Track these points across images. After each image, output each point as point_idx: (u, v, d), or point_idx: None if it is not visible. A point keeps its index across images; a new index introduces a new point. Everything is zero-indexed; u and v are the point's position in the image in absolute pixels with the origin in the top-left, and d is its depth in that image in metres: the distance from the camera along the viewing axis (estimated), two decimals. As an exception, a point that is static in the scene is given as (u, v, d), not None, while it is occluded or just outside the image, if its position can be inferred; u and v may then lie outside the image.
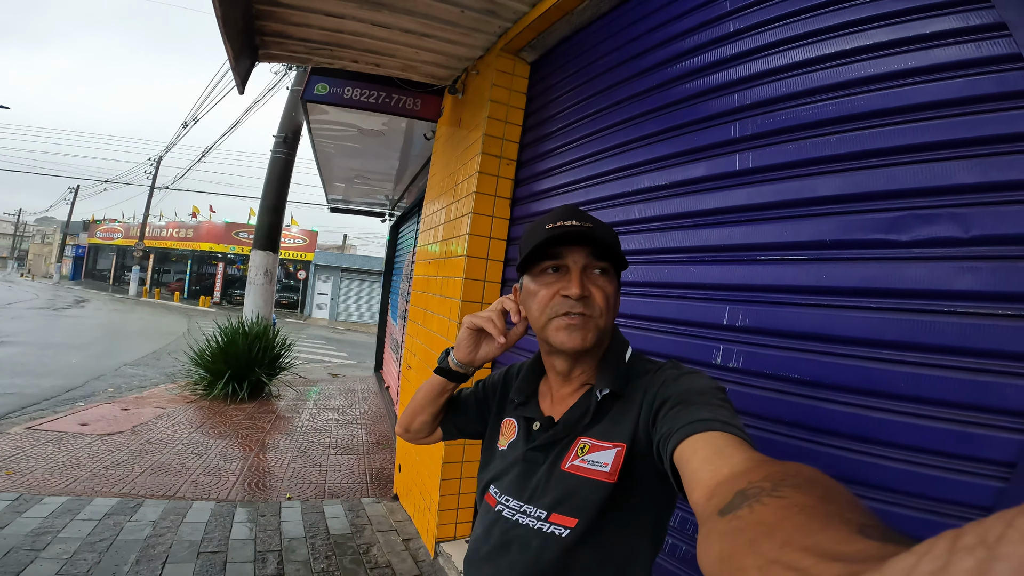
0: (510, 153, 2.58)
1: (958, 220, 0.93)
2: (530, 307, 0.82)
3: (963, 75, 0.95)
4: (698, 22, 1.55)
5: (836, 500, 0.35)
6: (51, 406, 5.09)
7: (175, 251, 27.28)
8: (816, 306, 1.11)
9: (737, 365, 1.25)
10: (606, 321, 0.79)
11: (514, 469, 0.83)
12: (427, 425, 1.01)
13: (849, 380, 1.03)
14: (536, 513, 0.77)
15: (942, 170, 0.96)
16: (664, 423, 0.65)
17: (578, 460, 0.77)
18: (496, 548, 0.80)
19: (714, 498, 0.43)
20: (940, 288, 0.93)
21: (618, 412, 0.77)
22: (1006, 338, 0.86)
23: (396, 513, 3.33)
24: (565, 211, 0.81)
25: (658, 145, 1.63)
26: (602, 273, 0.79)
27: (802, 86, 1.20)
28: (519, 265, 0.83)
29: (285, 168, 7.30)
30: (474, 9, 2.38)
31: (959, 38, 0.96)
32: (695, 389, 0.67)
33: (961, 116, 0.94)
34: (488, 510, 0.85)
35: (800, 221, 1.16)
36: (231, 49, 2.36)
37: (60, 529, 2.67)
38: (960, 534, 0.19)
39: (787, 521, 0.32)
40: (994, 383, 0.86)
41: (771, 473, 0.41)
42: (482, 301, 2.52)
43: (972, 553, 0.17)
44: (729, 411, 0.62)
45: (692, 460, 0.54)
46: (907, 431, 0.95)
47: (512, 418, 0.90)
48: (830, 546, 0.27)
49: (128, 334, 11.55)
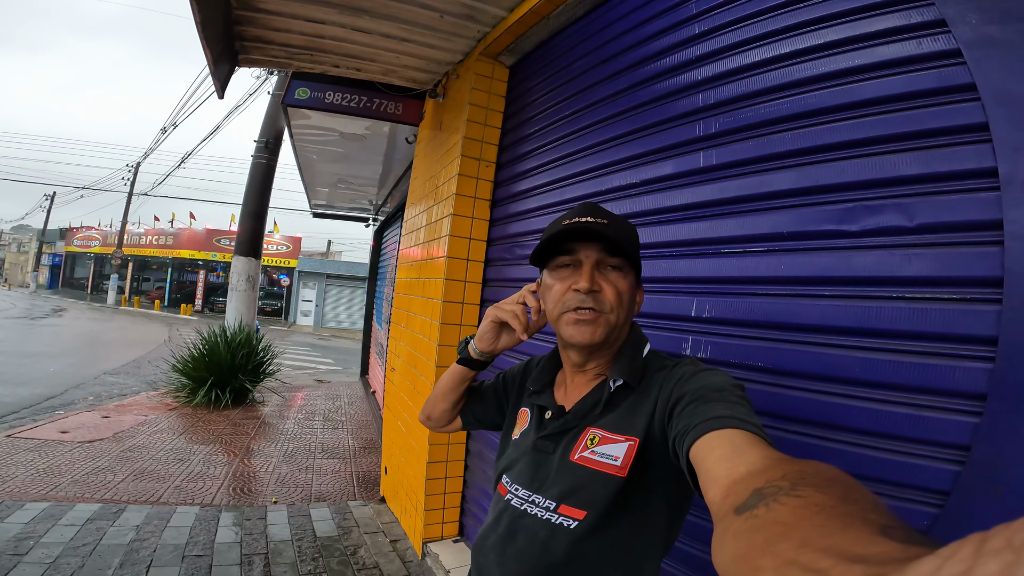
0: (489, 155, 2.62)
1: (903, 210, 0.97)
2: (547, 300, 0.84)
3: (905, 71, 1.00)
4: (666, 25, 1.60)
5: (857, 500, 0.34)
6: (30, 415, 5.01)
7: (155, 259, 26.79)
8: (776, 296, 1.16)
9: (705, 355, 1.29)
10: (618, 317, 0.79)
11: (525, 458, 0.84)
12: (447, 413, 1.04)
13: (807, 367, 1.08)
14: (545, 503, 0.77)
15: (887, 163, 1.00)
16: (680, 419, 0.64)
17: (588, 452, 0.76)
18: (504, 537, 0.80)
19: (730, 496, 0.42)
20: (889, 275, 0.98)
21: (632, 405, 0.77)
22: (953, 321, 0.89)
23: (383, 515, 3.33)
24: (583, 208, 0.82)
25: (629, 145, 1.68)
26: (615, 269, 0.80)
27: (760, 85, 1.25)
28: (533, 258, 0.84)
29: (267, 173, 7.25)
30: (453, 14, 2.42)
31: (902, 35, 1.01)
32: (712, 386, 0.66)
33: (904, 111, 0.99)
34: (499, 499, 0.86)
35: (759, 215, 1.21)
36: (210, 54, 2.37)
37: (42, 534, 2.65)
38: (987, 537, 0.18)
39: (806, 521, 0.31)
40: (944, 366, 0.89)
41: (789, 472, 0.40)
42: (463, 301, 2.55)
43: (999, 556, 0.17)
44: (747, 408, 0.62)
45: (708, 457, 0.53)
46: (863, 415, 0.98)
47: (526, 407, 0.92)
48: (850, 547, 0.26)
49: (107, 343, 11.34)
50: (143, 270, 28.44)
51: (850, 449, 1.00)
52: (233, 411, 5.71)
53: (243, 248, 7.01)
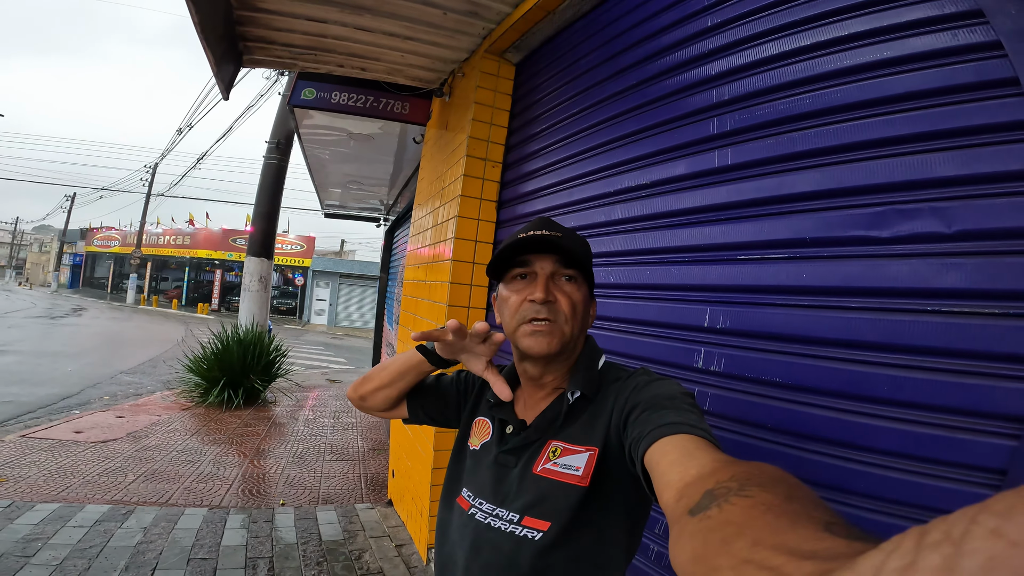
0: (495, 155, 2.55)
1: (940, 214, 0.89)
2: (503, 313, 0.84)
3: (940, 65, 0.92)
4: (676, 18, 1.52)
5: (800, 498, 0.35)
6: (46, 414, 5.08)
7: (172, 258, 27.22)
8: (797, 306, 1.08)
9: (719, 368, 1.22)
10: (572, 327, 0.80)
11: (487, 472, 0.84)
12: (390, 401, 0.97)
13: (830, 383, 1.00)
14: (509, 516, 0.77)
15: (922, 163, 0.92)
16: (635, 427, 0.65)
17: (550, 464, 0.77)
18: (469, 551, 0.80)
19: (683, 499, 0.43)
20: (923, 286, 0.90)
21: (590, 417, 0.78)
22: (994, 338, 0.82)
23: (390, 518, 3.30)
24: (538, 222, 0.84)
25: (639, 144, 1.60)
26: (569, 280, 0.81)
27: (779, 80, 1.17)
28: (490, 270, 0.85)
29: (278, 174, 7.28)
30: (456, 11, 2.36)
31: (934, 27, 0.93)
32: (664, 394, 0.68)
33: (939, 107, 0.91)
34: (461, 513, 0.84)
35: (779, 218, 1.13)
36: (212, 55, 2.33)
37: (51, 536, 2.66)
38: (926, 531, 0.19)
39: (756, 520, 0.32)
40: (982, 386, 0.82)
41: (737, 473, 0.42)
42: (469, 306, 2.49)
43: (938, 549, 0.18)
44: (697, 415, 0.63)
45: (661, 462, 0.54)
46: (891, 436, 0.91)
47: (487, 418, 0.91)
48: (800, 544, 0.27)
49: (125, 342, 11.52)
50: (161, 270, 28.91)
51: (874, 471, 0.93)
52: (245, 411, 5.74)
53: (255, 249, 7.05)
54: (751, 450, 1.11)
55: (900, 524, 0.89)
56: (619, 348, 1.53)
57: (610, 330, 1.56)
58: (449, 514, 0.88)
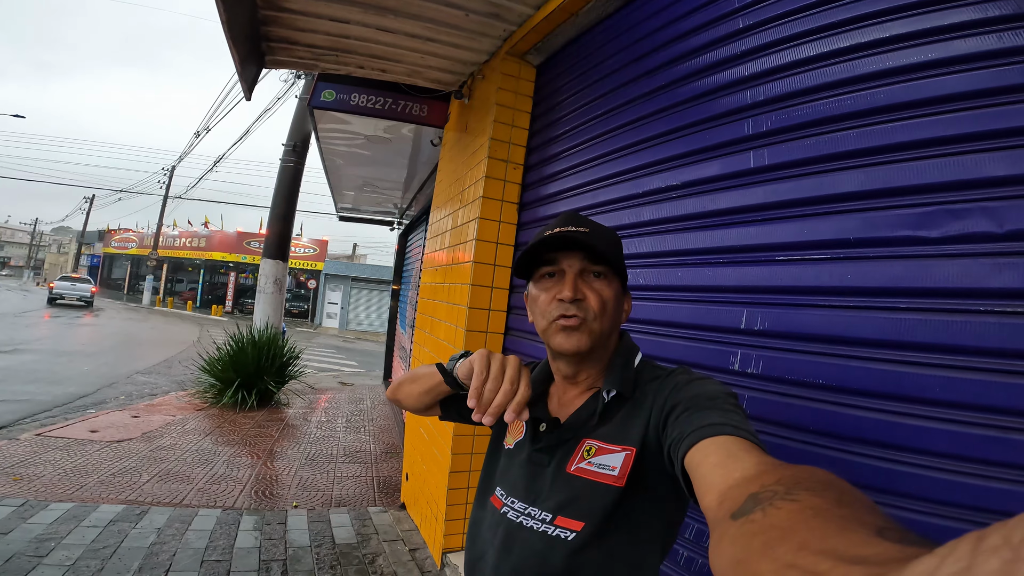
0: (517, 157, 2.54)
1: (991, 214, 0.87)
2: (534, 312, 0.84)
3: (987, 66, 0.90)
4: (706, 19, 1.50)
5: (851, 503, 0.34)
6: (62, 413, 5.12)
7: (188, 260, 27.57)
8: (841, 307, 1.05)
9: (756, 371, 1.19)
10: (602, 324, 0.79)
11: (520, 470, 0.83)
12: (422, 406, 0.98)
13: (877, 385, 0.98)
14: (541, 516, 0.76)
15: (972, 163, 0.90)
16: (675, 428, 0.64)
17: (584, 463, 0.76)
18: (500, 550, 0.79)
19: (726, 502, 0.42)
20: (974, 286, 0.88)
21: (627, 416, 0.77)
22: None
23: (403, 522, 3.28)
24: (565, 218, 0.83)
25: (668, 145, 1.58)
26: (598, 276, 0.80)
27: (817, 81, 1.15)
28: (516, 270, 0.85)
29: (294, 177, 7.34)
30: (478, 12, 2.36)
31: (979, 29, 0.92)
32: (706, 394, 0.67)
33: (988, 108, 0.89)
34: (493, 512, 0.84)
35: (820, 219, 1.10)
36: (237, 55, 2.36)
37: (64, 535, 2.65)
38: (984, 535, 0.18)
39: (802, 524, 0.31)
40: None
41: (784, 477, 0.41)
42: (489, 308, 2.48)
43: (997, 554, 0.17)
44: (740, 416, 0.62)
45: (703, 464, 0.53)
46: (942, 437, 0.89)
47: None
48: (848, 549, 0.26)
49: (141, 342, 11.65)
50: (177, 271, 29.29)
51: (924, 473, 0.91)
52: (258, 413, 5.76)
53: (271, 251, 7.10)
54: (791, 452, 1.09)
55: (951, 526, 0.87)
56: (650, 351, 1.50)
57: (640, 332, 1.54)
58: (482, 513, 0.87)
